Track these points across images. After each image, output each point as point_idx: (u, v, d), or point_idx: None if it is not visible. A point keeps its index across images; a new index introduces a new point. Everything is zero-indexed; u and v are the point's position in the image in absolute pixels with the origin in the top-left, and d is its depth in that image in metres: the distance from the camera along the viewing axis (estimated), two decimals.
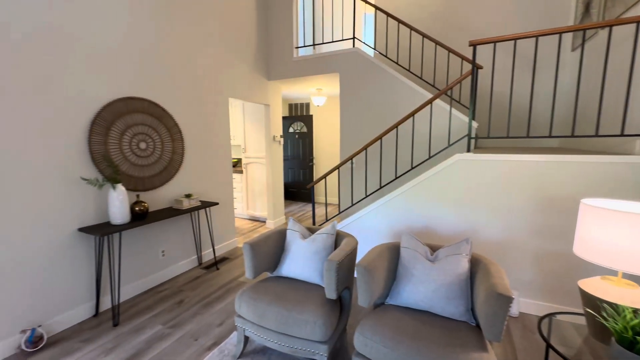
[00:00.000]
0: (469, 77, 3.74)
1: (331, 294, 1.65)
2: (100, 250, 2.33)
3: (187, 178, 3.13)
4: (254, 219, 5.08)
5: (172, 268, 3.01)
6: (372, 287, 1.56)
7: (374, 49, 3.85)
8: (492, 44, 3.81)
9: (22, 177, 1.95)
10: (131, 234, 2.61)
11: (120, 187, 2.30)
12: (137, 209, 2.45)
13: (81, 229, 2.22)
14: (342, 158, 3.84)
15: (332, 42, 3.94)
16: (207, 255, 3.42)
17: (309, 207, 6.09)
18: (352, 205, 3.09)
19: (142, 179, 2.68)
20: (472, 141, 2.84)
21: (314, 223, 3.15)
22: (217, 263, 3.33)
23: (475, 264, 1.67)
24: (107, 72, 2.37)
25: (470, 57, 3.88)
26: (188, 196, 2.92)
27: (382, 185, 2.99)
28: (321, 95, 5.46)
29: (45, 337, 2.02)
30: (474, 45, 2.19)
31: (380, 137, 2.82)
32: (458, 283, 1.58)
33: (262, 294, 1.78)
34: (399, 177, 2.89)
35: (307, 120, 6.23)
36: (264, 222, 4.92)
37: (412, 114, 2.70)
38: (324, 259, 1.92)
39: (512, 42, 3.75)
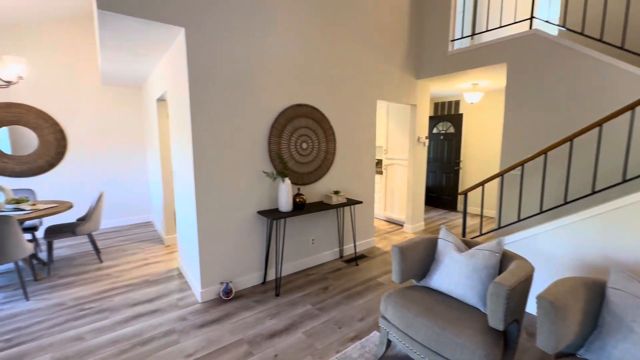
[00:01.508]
0: None
1: (497, 323, 1.39)
2: (270, 230, 2.85)
3: (336, 176, 3.40)
4: (390, 221, 5.04)
5: (319, 256, 3.34)
6: (561, 331, 1.22)
7: (562, 26, 3.03)
8: None
9: (230, 169, 2.60)
10: (291, 220, 3.07)
11: (287, 181, 2.72)
12: (297, 200, 2.84)
13: (259, 212, 2.77)
14: (503, 162, 3.25)
15: (500, 27, 3.37)
16: (347, 250, 3.63)
17: (451, 215, 5.51)
18: (519, 220, 2.55)
19: (302, 175, 3.09)
20: None
21: (463, 235, 2.80)
22: (357, 259, 3.47)
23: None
24: (284, 85, 2.85)
25: None
26: (336, 193, 3.16)
27: (568, 200, 2.32)
28: (476, 90, 4.81)
29: (234, 292, 2.64)
30: None
31: (571, 138, 2.20)
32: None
33: (410, 302, 1.70)
34: (599, 191, 2.17)
35: (456, 119, 5.63)
36: (401, 225, 4.79)
37: (632, 107, 1.95)
38: (485, 279, 1.65)
39: None
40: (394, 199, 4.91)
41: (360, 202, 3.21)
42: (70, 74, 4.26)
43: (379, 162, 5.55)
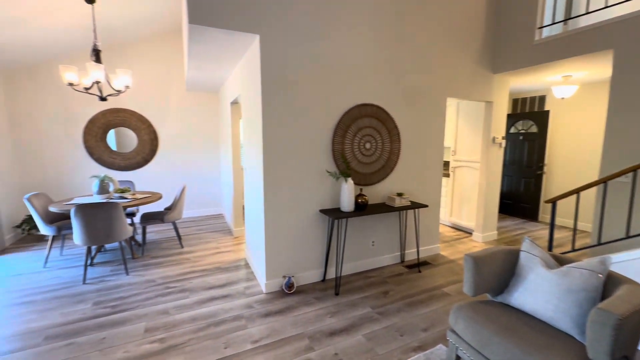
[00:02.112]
0: None
1: (600, 357, 1.18)
2: (331, 229, 2.88)
3: (400, 177, 3.28)
4: (456, 228, 4.67)
5: (379, 259, 3.27)
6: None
7: None
8: None
9: (295, 168, 2.70)
10: (352, 221, 3.05)
11: (350, 181, 2.72)
12: (359, 200, 2.82)
13: (321, 211, 2.82)
14: (605, 167, 2.74)
15: (606, 7, 2.86)
16: (409, 255, 3.47)
17: (529, 226, 4.88)
18: (629, 237, 2.13)
19: (364, 175, 3.06)
20: None
21: (550, 249, 2.45)
22: (419, 265, 3.30)
23: None
24: (349, 85, 2.85)
25: None
26: (400, 195, 3.05)
27: None
28: (569, 84, 4.16)
29: (295, 286, 2.74)
30: None
31: None
32: None
33: (485, 318, 1.55)
34: None
35: (540, 117, 4.96)
36: (469, 233, 4.41)
37: None
38: (583, 302, 1.41)
39: None
40: (461, 204, 4.55)
41: (426, 206, 3.04)
42: (162, 82, 4.90)
43: (445, 164, 5.19)
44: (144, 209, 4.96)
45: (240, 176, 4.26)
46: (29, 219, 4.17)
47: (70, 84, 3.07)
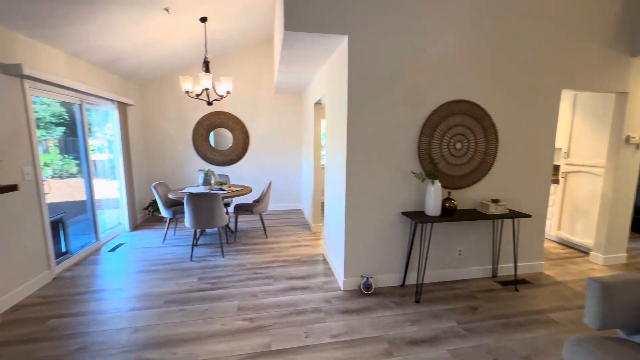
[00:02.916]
0: None
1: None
2: (413, 233, 2.74)
3: (496, 182, 2.91)
4: (566, 245, 3.93)
5: (466, 270, 2.98)
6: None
7: None
8: None
9: (378, 167, 2.66)
10: (438, 226, 2.85)
11: (437, 183, 2.54)
12: (447, 205, 2.61)
13: (403, 213, 2.71)
14: None
15: None
16: (503, 270, 3.06)
17: None
18: None
19: (452, 178, 2.81)
20: None
21: None
22: (516, 282, 2.89)
23: None
24: (440, 81, 2.65)
25: None
26: (495, 201, 2.71)
27: None
28: None
29: (373, 287, 2.71)
30: None
31: None
32: None
33: None
34: None
35: None
36: (585, 253, 3.65)
37: None
38: None
39: None
40: (574, 216, 3.80)
41: (528, 216, 2.64)
42: (253, 86, 5.42)
43: (554, 169, 4.39)
44: (236, 201, 5.58)
45: (320, 174, 4.40)
46: (153, 202, 5.13)
47: (186, 92, 3.64)
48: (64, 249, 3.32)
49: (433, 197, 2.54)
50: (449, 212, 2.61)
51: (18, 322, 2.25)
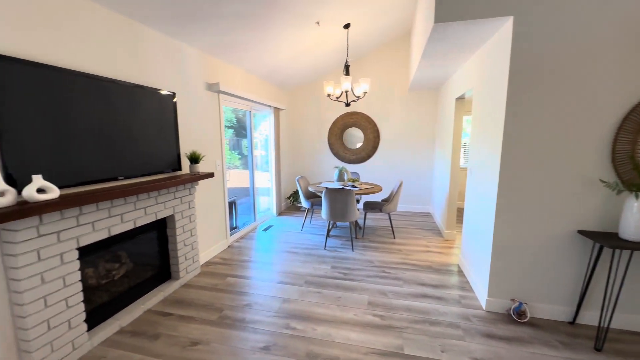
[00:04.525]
0: None
1: None
2: (596, 259, 2.11)
3: None
4: None
5: None
6: None
7: None
8: None
9: (544, 172, 2.17)
10: (639, 255, 2.10)
11: None
12: None
13: (581, 232, 2.12)
14: None
15: None
16: None
17: None
18: None
19: None
20: None
21: None
22: None
23: None
24: None
25: None
26: None
27: None
28: None
29: (529, 315, 2.25)
30: None
31: None
32: None
33: None
34: None
35: None
36: None
37: None
38: None
39: None
40: None
41: None
42: (386, 86, 5.40)
43: None
44: (365, 198, 5.76)
45: (457, 176, 3.98)
46: (294, 193, 5.91)
47: (328, 95, 3.98)
48: (234, 225, 4.26)
49: (637, 216, 1.87)
50: None
51: (209, 274, 3.04)
